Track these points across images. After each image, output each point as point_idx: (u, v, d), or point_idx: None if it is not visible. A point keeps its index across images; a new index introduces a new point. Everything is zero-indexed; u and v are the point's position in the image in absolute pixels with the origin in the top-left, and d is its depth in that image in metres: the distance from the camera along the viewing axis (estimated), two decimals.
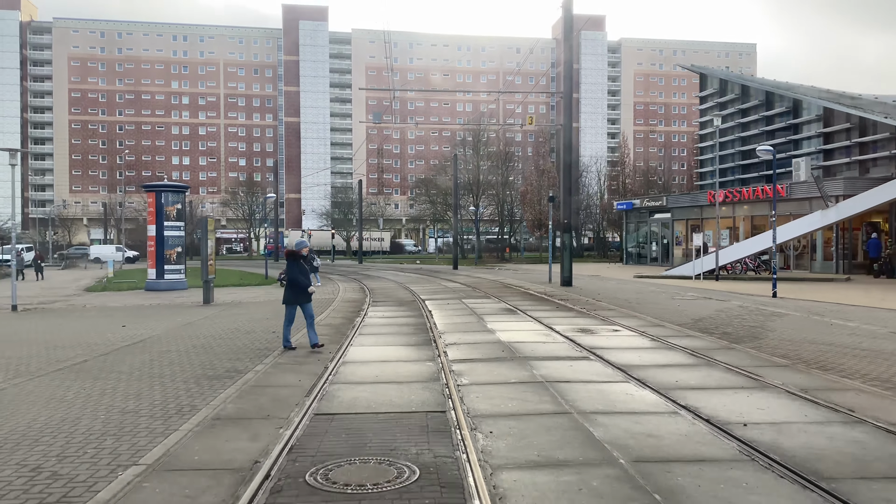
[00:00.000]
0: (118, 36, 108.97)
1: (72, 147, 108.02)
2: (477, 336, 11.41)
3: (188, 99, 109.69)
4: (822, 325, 12.63)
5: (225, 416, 6.34)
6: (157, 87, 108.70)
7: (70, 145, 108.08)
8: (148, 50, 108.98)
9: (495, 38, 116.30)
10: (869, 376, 7.93)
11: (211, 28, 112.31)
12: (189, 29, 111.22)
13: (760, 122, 36.32)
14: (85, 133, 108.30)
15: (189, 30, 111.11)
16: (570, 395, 6.99)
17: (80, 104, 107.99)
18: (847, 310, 15.08)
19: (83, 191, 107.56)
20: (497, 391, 7.22)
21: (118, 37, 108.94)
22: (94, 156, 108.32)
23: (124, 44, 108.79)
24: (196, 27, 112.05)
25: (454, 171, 40.56)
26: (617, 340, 10.82)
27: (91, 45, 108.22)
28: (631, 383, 7.58)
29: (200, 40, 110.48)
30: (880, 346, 10.18)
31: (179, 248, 26.79)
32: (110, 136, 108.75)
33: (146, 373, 8.61)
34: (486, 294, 19.94)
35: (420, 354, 9.65)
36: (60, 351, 10.51)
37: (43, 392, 7.56)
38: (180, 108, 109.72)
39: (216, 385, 7.73)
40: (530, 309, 15.38)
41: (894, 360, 8.98)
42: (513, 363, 8.86)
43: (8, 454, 5.27)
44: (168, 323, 14.17)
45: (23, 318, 15.71)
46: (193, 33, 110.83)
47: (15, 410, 6.75)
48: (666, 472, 4.68)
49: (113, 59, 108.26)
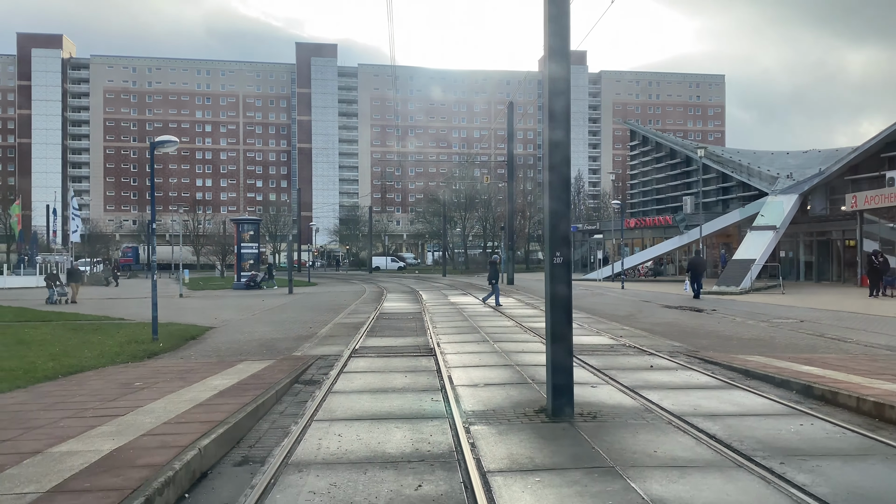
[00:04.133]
0: (148, 71, 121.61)
1: (106, 171, 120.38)
2: (441, 300, 23.44)
3: (210, 127, 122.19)
4: (624, 300, 24.59)
5: (338, 322, 18.29)
6: (183, 117, 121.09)
7: (105, 169, 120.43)
8: (175, 83, 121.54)
9: (489, 71, 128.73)
10: (623, 317, 19.88)
11: (231, 63, 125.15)
12: (211, 64, 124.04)
13: (667, 168, 48.50)
14: (118, 158, 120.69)
15: (211, 65, 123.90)
16: (478, 321, 18.89)
17: (114, 132, 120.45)
18: (656, 293, 27.04)
19: (116, 209, 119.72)
20: (442, 312, 19.15)
21: (148, 71, 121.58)
22: (126, 178, 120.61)
23: (154, 78, 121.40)
24: (218, 62, 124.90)
25: (443, 207, 52.71)
26: (509, 303, 22.75)
27: (124, 79, 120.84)
28: (503, 318, 19.51)
29: (222, 74, 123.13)
30: (638, 306, 22.11)
31: (252, 261, 38.88)
32: (141, 161, 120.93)
33: (291, 315, 20.58)
34: (454, 287, 32.03)
35: (414, 305, 21.61)
36: (236, 311, 22.41)
37: (253, 323, 19.55)
38: (203, 136, 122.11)
39: (328, 317, 19.67)
40: (475, 292, 27.39)
41: (632, 307, 20.88)
42: (453, 308, 20.81)
43: (252, 335, 17.23)
44: (281, 301, 26.20)
45: (192, 300, 27.61)
46: (215, 68, 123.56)
47: (242, 328, 18.74)
48: (481, 323, 16.60)
49: (143, 91, 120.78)
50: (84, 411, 6.45)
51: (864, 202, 28.93)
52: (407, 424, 6.25)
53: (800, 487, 4.53)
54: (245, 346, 12.83)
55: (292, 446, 5.54)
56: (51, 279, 25.74)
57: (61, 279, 26.96)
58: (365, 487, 4.56)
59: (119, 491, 3.95)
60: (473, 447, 5.45)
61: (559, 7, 6.76)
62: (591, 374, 8.94)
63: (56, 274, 26.89)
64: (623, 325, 15.72)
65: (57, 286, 25.14)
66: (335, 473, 4.86)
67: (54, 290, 24.90)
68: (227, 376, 8.49)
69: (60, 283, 25.98)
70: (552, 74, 6.71)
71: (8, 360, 10.37)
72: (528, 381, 8.37)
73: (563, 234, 6.71)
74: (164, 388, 7.73)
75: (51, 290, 25.00)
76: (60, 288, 25.31)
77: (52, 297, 24.73)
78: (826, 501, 4.28)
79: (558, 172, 6.73)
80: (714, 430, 6.01)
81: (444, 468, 4.95)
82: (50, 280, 25.71)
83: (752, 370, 8.99)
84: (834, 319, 16.63)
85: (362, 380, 8.63)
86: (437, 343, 12.33)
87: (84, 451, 4.92)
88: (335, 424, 6.29)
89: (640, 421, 6.38)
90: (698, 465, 5.06)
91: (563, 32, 6.79)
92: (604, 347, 11.72)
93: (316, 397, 7.47)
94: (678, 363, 9.90)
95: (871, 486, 4.61)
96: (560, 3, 6.76)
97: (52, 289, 24.99)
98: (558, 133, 6.71)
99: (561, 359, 6.54)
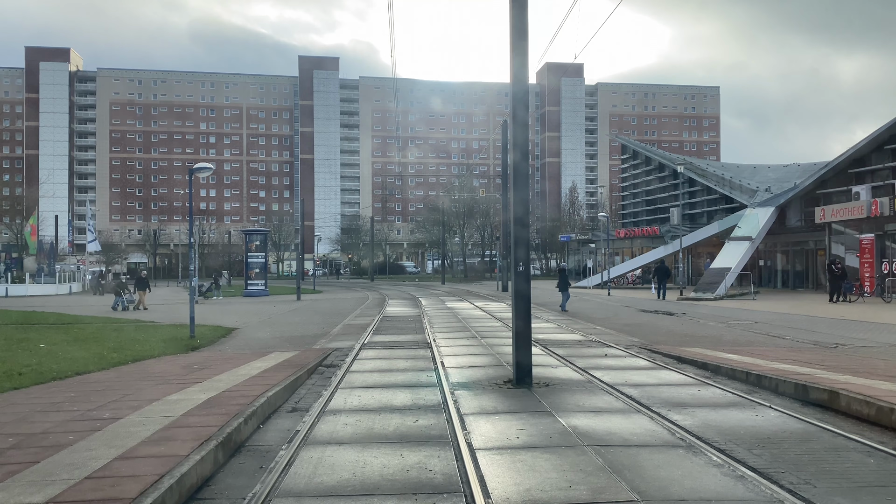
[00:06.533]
0: (153, 83, 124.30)
1: (112, 181, 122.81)
2: (439, 305, 25.67)
3: (215, 139, 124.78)
4: (606, 305, 26.79)
5: (347, 323, 20.49)
6: (188, 129, 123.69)
7: (110, 180, 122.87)
8: (179, 95, 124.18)
9: (488, 83, 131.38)
10: (600, 319, 22.08)
11: (235, 76, 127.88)
12: (216, 77, 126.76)
13: (655, 181, 50.88)
14: (124, 169, 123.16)
15: (216, 77, 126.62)
16: (471, 322, 21.08)
17: (120, 144, 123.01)
18: (638, 299, 29.25)
19: (122, 220, 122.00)
20: (439, 316, 21.36)
21: (153, 84, 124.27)
22: (132, 189, 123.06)
23: (159, 90, 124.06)
24: (222, 75, 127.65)
25: (442, 216, 55.07)
26: (500, 307, 24.95)
27: (130, 92, 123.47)
28: (493, 320, 21.71)
29: (226, 87, 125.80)
30: (616, 310, 24.32)
31: (258, 269, 41.11)
32: (146, 172, 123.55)
33: (304, 318, 22.80)
34: (452, 294, 34.29)
35: (414, 309, 23.81)
36: (253, 316, 24.62)
37: (271, 325, 21.78)
38: (208, 147, 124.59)
39: (337, 320, 21.87)
40: (471, 299, 29.63)
41: (611, 311, 23.07)
42: (449, 312, 23.01)
43: (273, 333, 19.45)
44: (292, 306, 28.42)
45: (207, 306, 29.83)
46: (220, 80, 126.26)
47: (263, 328, 20.96)
48: (473, 324, 18.81)
49: (149, 103, 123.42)
50: (168, 382, 8.68)
51: (832, 215, 31.20)
52: (408, 390, 8.48)
53: (672, 422, 6.74)
54: (270, 341, 15.06)
55: (326, 402, 7.77)
56: (119, 287, 27.16)
57: (129, 288, 28.33)
58: (380, 421, 6.79)
59: (225, 415, 6.18)
60: (455, 402, 7.68)
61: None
62: (555, 360, 11.17)
63: (124, 283, 28.22)
64: (596, 326, 17.95)
65: (125, 294, 26.64)
66: (359, 415, 7.09)
67: (122, 297, 26.34)
68: (265, 361, 10.72)
69: (129, 290, 27.43)
70: (515, 139, 8.91)
71: (79, 351, 12.59)
72: (504, 364, 10.59)
73: (524, 251, 8.92)
74: (219, 367, 9.96)
75: (119, 297, 26.38)
76: (129, 295, 26.79)
77: (119, 304, 26.02)
78: (683, 427, 6.49)
79: (520, 222, 8.93)
80: (632, 393, 8.22)
81: (434, 412, 7.19)
82: (119, 288, 27.11)
83: (685, 357, 11.21)
84: (785, 321, 18.84)
85: (372, 364, 10.87)
86: (434, 339, 14.52)
87: (187, 399, 7.16)
88: (355, 391, 8.52)
89: (581, 388, 8.61)
90: (610, 411, 7.29)
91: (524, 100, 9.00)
92: (572, 342, 13.95)
93: (338, 375, 9.70)
94: (629, 353, 12.12)
95: (723, 421, 6.82)
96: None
97: (121, 296, 26.38)
98: (520, 193, 8.88)
99: (523, 339, 8.77)
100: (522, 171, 8.92)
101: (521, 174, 8.91)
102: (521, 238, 8.92)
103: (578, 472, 5.07)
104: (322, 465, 5.32)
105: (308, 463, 5.38)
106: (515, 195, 8.96)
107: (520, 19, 8.71)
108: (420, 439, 6.08)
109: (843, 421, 6.84)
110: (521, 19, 8.71)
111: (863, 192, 31.13)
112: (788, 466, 5.27)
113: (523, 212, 8.92)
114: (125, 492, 4.14)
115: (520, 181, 8.89)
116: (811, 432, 6.40)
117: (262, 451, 5.90)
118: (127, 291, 27.16)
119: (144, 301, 27.03)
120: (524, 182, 8.92)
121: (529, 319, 9.07)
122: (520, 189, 8.88)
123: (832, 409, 7.32)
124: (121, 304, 26.15)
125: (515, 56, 8.81)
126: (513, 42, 8.78)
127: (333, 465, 5.31)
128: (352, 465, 5.28)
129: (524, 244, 8.96)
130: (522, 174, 8.92)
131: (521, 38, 8.72)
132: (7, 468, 4.72)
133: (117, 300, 26.40)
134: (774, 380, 8.51)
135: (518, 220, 8.85)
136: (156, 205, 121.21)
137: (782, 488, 4.72)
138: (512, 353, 8.98)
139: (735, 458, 5.42)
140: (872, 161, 32.64)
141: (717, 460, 5.39)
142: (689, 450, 5.71)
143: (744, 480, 4.91)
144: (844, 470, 5.22)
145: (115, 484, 4.33)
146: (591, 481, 4.85)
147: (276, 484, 4.85)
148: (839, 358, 11.04)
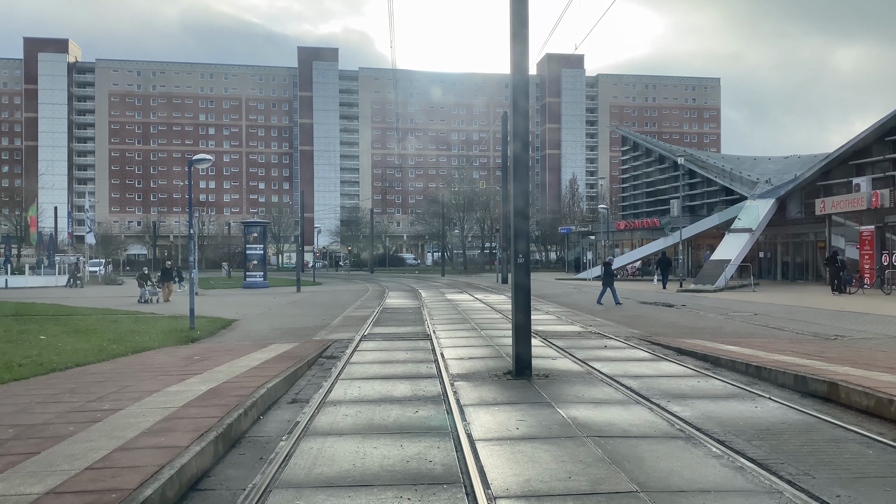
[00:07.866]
0: (153, 74, 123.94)
1: (111, 173, 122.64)
2: (439, 297, 25.67)
3: (214, 130, 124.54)
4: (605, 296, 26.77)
5: (347, 315, 20.50)
6: (187, 120, 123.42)
7: (109, 171, 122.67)
8: (179, 87, 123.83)
9: (488, 74, 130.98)
10: (599, 311, 22.09)
11: (235, 67, 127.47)
12: (215, 68, 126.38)
13: (656, 172, 50.81)
14: (123, 160, 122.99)
15: (215, 69, 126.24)
16: (470, 314, 21.10)
17: (119, 135, 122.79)
18: (638, 291, 29.27)
19: (121, 211, 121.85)
20: (439, 308, 21.38)
21: (153, 75, 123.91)
22: (131, 181, 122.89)
23: (158, 81, 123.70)
24: (221, 66, 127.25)
25: (442, 208, 54.99)
26: (499, 299, 24.96)
27: (129, 83, 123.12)
28: (492, 312, 21.72)
29: (225, 78, 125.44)
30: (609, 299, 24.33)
31: (256, 261, 41.08)
32: (145, 163, 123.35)
33: (304, 310, 22.80)
34: (452, 286, 34.29)
35: (414, 301, 23.82)
36: (252, 308, 24.64)
37: (272, 317, 21.78)
38: (207, 138, 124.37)
39: (337, 311, 21.89)
40: (470, 290, 29.63)
41: (611, 302, 23.08)
42: (449, 304, 23.02)
43: (273, 325, 19.46)
44: (291, 298, 28.43)
45: (207, 298, 29.83)
46: (219, 72, 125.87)
47: (262, 320, 20.96)
48: (472, 316, 18.83)
49: (148, 94, 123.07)
50: (168, 373, 8.68)
51: (832, 206, 31.18)
52: (408, 381, 8.49)
53: (672, 413, 6.74)
54: (270, 333, 15.07)
55: (326, 393, 7.77)
56: (142, 279, 26.95)
57: (153, 279, 28.13)
58: (380, 412, 6.79)
59: (224, 406, 6.19)
60: (455, 393, 7.68)
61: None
62: (554, 351, 11.17)
63: (148, 274, 27.97)
64: (596, 317, 17.94)
65: (148, 286, 26.47)
66: (359, 406, 7.10)
67: (146, 289, 26.20)
68: (265, 352, 10.73)
69: (152, 282, 27.26)
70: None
71: (79, 343, 12.59)
72: (504, 356, 10.59)
73: (524, 243, 8.91)
74: (219, 359, 9.96)
75: (142, 289, 26.27)
76: (152, 287, 26.65)
77: (143, 295, 25.87)
78: (683, 418, 6.50)
79: (521, 214, 8.91)
80: (632, 384, 8.23)
81: (433, 403, 7.19)
82: (142, 280, 26.91)
83: (684, 349, 11.22)
84: (785, 313, 18.85)
85: (372, 355, 10.87)
86: (434, 331, 14.53)
87: (187, 390, 7.16)
88: (355, 382, 8.52)
89: (580, 380, 8.61)
90: (610, 402, 7.29)
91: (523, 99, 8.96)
92: (572, 333, 13.95)
93: (338, 366, 9.70)
94: (629, 344, 12.13)
95: (722, 413, 6.83)
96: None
97: (144, 288, 26.25)
98: (520, 184, 8.85)
99: (523, 331, 8.77)
100: (523, 161, 8.90)
101: (522, 164, 8.88)
102: (521, 230, 8.91)
103: (578, 463, 5.08)
104: (322, 456, 5.33)
105: (308, 454, 5.39)
106: (516, 186, 8.94)
107: (520, 6, 8.67)
108: (420, 430, 6.09)
109: (842, 412, 6.86)
110: (522, 6, 8.67)
111: (863, 184, 31.10)
112: (788, 457, 5.28)
113: (523, 203, 8.90)
114: (125, 482, 4.15)
115: (520, 172, 8.86)
116: (811, 423, 6.41)
117: (262, 442, 5.91)
118: (150, 283, 26.98)
119: (167, 294, 26.91)
120: (524, 173, 8.90)
121: (529, 311, 9.06)
122: (520, 180, 8.85)
123: (832, 400, 7.33)
124: (145, 295, 25.98)
125: (516, 44, 8.77)
126: (513, 30, 8.74)
127: (333, 456, 5.32)
128: (352, 456, 5.29)
129: (524, 236, 8.95)
130: (523, 164, 8.89)
131: (521, 26, 8.68)
132: (7, 459, 4.73)
133: (141, 292, 26.23)
134: (774, 371, 8.52)
135: (518, 211, 8.83)
136: (155, 196, 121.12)
137: (781, 479, 4.73)
138: (512, 345, 8.98)
139: (734, 450, 5.43)
140: (874, 152, 32.57)
141: (717, 451, 5.39)
142: (688, 441, 5.72)
143: (743, 471, 4.92)
144: (844, 461, 5.23)
145: (115, 475, 4.34)
146: (591, 472, 4.86)
147: (276, 475, 4.86)
148: (839, 349, 11.05)
